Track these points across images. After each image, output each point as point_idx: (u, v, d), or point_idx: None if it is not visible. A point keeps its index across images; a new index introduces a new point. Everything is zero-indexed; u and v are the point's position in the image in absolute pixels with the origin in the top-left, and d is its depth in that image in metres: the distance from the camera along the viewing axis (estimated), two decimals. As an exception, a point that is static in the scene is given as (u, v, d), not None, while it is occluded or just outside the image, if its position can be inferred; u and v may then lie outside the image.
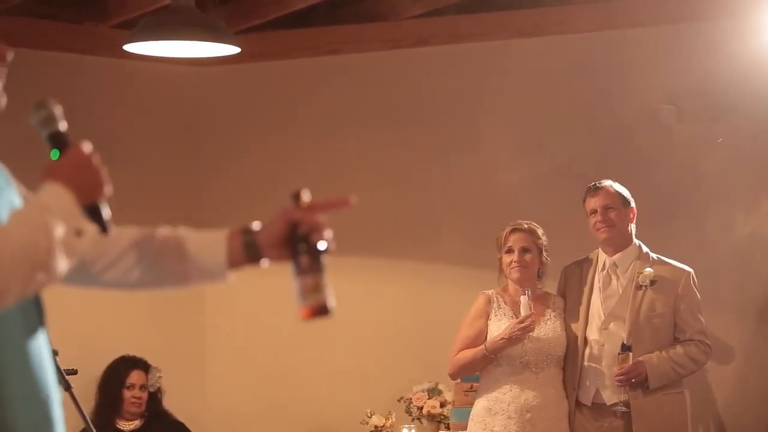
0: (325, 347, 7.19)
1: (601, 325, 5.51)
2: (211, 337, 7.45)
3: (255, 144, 7.47)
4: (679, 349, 5.46)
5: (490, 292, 5.70)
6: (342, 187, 7.26)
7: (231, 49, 5.80)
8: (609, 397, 5.48)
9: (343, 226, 7.34)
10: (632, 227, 5.61)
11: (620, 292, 5.53)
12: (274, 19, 7.03)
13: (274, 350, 7.34)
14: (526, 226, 5.64)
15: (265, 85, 7.47)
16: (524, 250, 5.60)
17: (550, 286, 5.80)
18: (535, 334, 5.50)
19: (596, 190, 5.59)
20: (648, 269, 5.49)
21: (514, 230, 5.63)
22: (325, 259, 2.33)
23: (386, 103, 7.23)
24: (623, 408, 5.44)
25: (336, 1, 7.01)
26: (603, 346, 5.49)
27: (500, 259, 5.67)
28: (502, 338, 5.48)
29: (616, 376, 5.38)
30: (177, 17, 5.57)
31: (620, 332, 5.46)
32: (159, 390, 6.78)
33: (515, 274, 5.60)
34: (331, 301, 2.34)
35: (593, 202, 5.59)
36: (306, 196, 2.37)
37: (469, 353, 5.59)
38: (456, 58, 7.09)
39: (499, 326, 5.55)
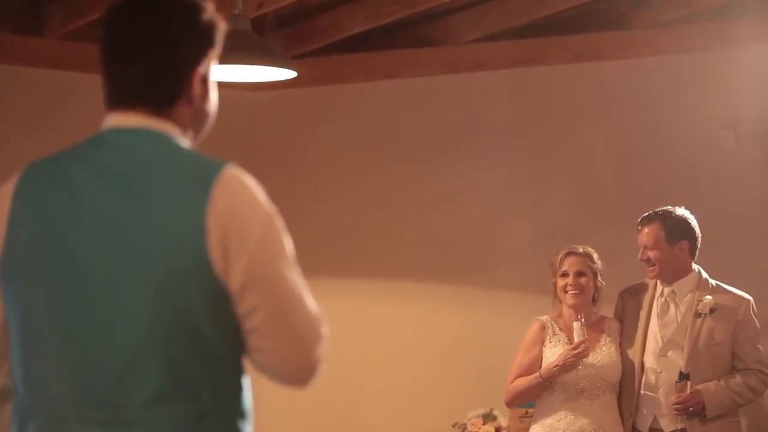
0: (380, 372, 7.16)
1: (659, 353, 5.43)
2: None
3: (310, 167, 7.47)
4: (737, 378, 5.37)
5: (544, 318, 5.63)
6: (397, 212, 7.27)
7: (288, 74, 5.79)
8: (666, 425, 5.40)
9: (401, 251, 7.37)
10: (688, 257, 5.51)
11: (678, 319, 5.45)
12: (330, 44, 7.04)
13: (328, 375, 7.29)
14: (581, 250, 5.57)
15: (322, 109, 7.48)
16: (579, 274, 5.53)
17: (605, 311, 5.72)
18: (590, 360, 5.43)
19: (642, 225, 5.51)
20: (707, 297, 5.40)
21: (569, 254, 5.57)
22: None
23: (443, 127, 7.21)
24: (681, 436, 5.37)
25: (392, 26, 7.00)
26: (661, 373, 5.41)
27: (555, 283, 5.60)
28: (557, 365, 5.42)
29: (674, 404, 5.30)
30: (233, 41, 5.50)
31: (678, 360, 5.38)
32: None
33: (570, 299, 5.53)
34: None
35: (639, 238, 5.52)
36: None
37: (524, 381, 5.53)
38: (513, 82, 7.07)
39: (554, 352, 5.49)
